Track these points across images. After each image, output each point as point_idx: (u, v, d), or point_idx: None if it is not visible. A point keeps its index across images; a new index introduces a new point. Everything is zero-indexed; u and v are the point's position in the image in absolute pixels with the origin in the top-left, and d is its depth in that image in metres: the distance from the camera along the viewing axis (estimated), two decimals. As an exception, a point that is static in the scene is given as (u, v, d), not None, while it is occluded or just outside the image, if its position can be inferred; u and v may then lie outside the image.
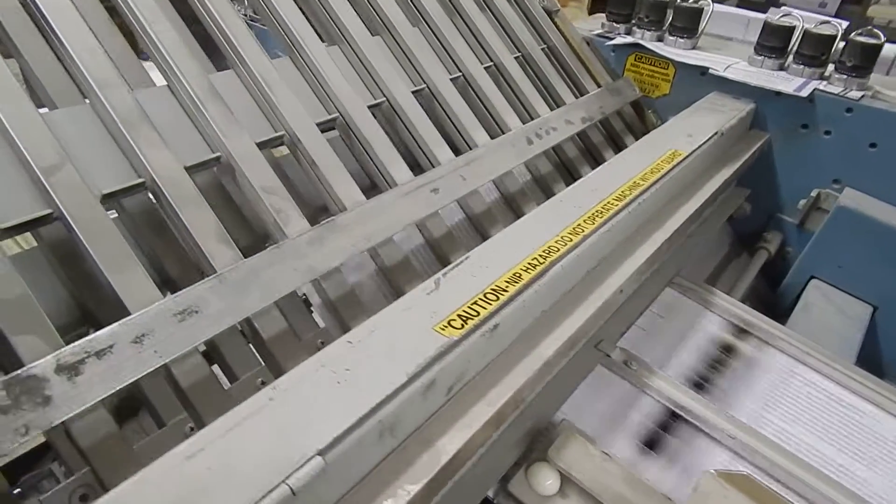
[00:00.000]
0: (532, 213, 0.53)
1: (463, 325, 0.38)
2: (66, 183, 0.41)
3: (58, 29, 0.45)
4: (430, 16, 0.71)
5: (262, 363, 0.46)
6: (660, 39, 0.91)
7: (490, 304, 0.41)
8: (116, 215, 0.47)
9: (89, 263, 0.41)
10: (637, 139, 0.86)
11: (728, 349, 0.62)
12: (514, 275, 0.44)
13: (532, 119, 0.74)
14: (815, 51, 0.80)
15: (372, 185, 0.59)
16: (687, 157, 0.64)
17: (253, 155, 0.50)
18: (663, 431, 0.52)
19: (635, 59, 0.91)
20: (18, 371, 0.33)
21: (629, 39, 0.91)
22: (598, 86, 0.86)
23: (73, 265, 0.45)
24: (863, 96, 0.76)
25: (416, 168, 0.60)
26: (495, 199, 0.67)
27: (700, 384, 0.58)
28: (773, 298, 0.87)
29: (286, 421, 0.31)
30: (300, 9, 0.61)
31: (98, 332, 0.36)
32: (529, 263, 0.45)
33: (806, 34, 0.80)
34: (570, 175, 0.77)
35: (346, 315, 0.49)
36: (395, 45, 0.67)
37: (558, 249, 0.47)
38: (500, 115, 0.71)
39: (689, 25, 0.88)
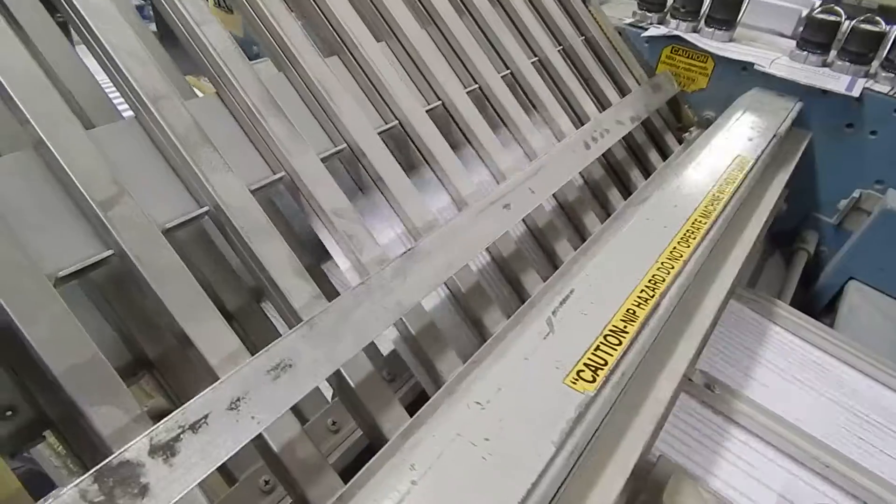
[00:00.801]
0: (622, 234, 0.49)
1: (594, 378, 0.35)
2: (127, 217, 0.36)
3: (100, 33, 0.39)
4: (476, 7, 0.66)
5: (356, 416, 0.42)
6: (695, 31, 0.88)
7: (614, 348, 0.37)
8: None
9: (156, 308, 0.35)
10: (675, 136, 0.84)
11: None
12: (627, 311, 0.40)
13: (580, 120, 0.70)
14: (863, 48, 0.77)
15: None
16: (754, 164, 0.61)
17: (319, 173, 0.45)
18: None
19: (671, 52, 0.87)
20: (109, 458, 0.28)
21: (664, 31, 0.87)
22: (637, 81, 0.82)
23: (123, 303, 0.39)
24: (912, 96, 0.74)
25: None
26: (553, 207, 0.63)
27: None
28: (807, 297, 0.86)
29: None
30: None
31: (190, 402, 0.31)
32: (639, 297, 0.41)
33: (853, 30, 0.78)
34: (618, 179, 0.73)
35: (430, 352, 0.45)
36: (442, 41, 0.62)
37: (663, 279, 0.43)
38: (553, 117, 0.67)
39: (727, 17, 0.85)
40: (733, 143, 0.66)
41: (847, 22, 0.79)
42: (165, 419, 0.30)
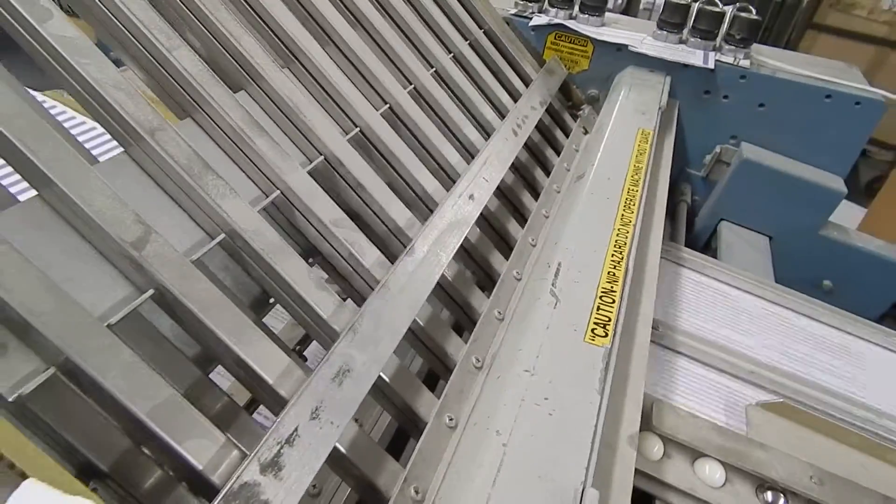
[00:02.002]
0: (579, 210, 0.56)
1: (606, 333, 0.41)
2: (161, 255, 0.35)
3: (81, 69, 0.37)
4: (395, 8, 0.69)
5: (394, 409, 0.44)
6: (572, 17, 0.98)
7: (610, 306, 0.44)
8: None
9: (202, 337, 0.36)
10: (571, 115, 0.94)
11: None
12: (609, 273, 0.47)
13: (499, 110, 0.77)
14: (710, 26, 0.92)
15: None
16: (654, 134, 0.72)
17: (311, 187, 0.47)
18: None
19: (555, 38, 0.97)
20: (230, 483, 0.29)
21: (545, 19, 0.96)
22: (533, 68, 0.90)
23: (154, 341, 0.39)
24: (751, 64, 0.90)
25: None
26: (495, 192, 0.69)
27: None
28: (689, 240, 1.02)
29: (535, 463, 0.32)
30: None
31: (279, 419, 0.33)
32: (613, 260, 0.49)
33: (699, 11, 0.92)
34: (537, 159, 0.81)
35: (437, 337, 0.49)
36: (373, 44, 0.65)
37: (625, 242, 0.51)
38: (479, 110, 0.72)
39: (598, 4, 0.96)
40: (630, 118, 0.76)
41: (694, 4, 0.94)
42: (264, 439, 0.32)
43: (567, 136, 0.88)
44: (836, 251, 0.93)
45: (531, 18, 0.97)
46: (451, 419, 0.43)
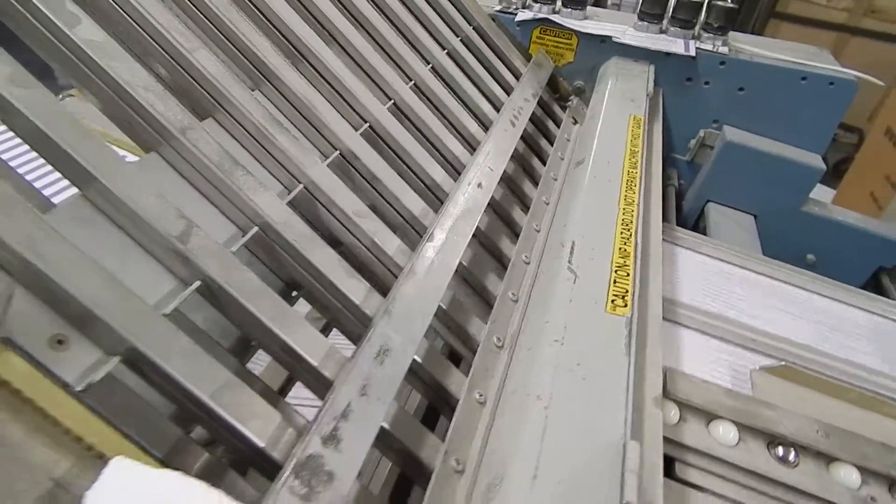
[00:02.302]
0: (583, 192, 0.58)
1: (626, 303, 0.44)
2: (205, 247, 0.37)
3: (111, 71, 0.38)
4: (391, 8, 0.71)
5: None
6: (555, 12, 1.00)
7: (626, 279, 0.46)
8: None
9: (247, 324, 0.37)
10: (560, 106, 0.96)
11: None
12: (620, 249, 0.50)
13: (493, 104, 0.79)
14: (688, 15, 0.95)
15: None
16: (644, 121, 0.75)
17: (333, 180, 0.48)
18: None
19: (541, 32, 0.99)
20: (297, 455, 0.31)
21: (530, 15, 0.99)
22: (521, 62, 0.93)
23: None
24: (729, 51, 0.94)
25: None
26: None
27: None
28: (678, 222, 1.05)
29: (577, 422, 0.34)
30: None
31: (332, 397, 0.35)
32: (622, 237, 0.51)
33: (678, 2, 0.96)
34: (532, 149, 0.83)
35: (459, 319, 0.51)
36: (373, 43, 0.66)
37: (631, 220, 0.54)
38: (477, 103, 0.74)
39: (580, -2, 0.99)
40: (621, 105, 0.79)
41: (671, -5, 0.97)
42: (320, 415, 0.34)
43: (558, 126, 0.91)
44: (818, 226, 0.97)
45: (516, 14, 0.99)
46: (480, 395, 0.45)
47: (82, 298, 0.30)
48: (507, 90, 0.83)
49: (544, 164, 0.78)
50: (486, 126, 0.73)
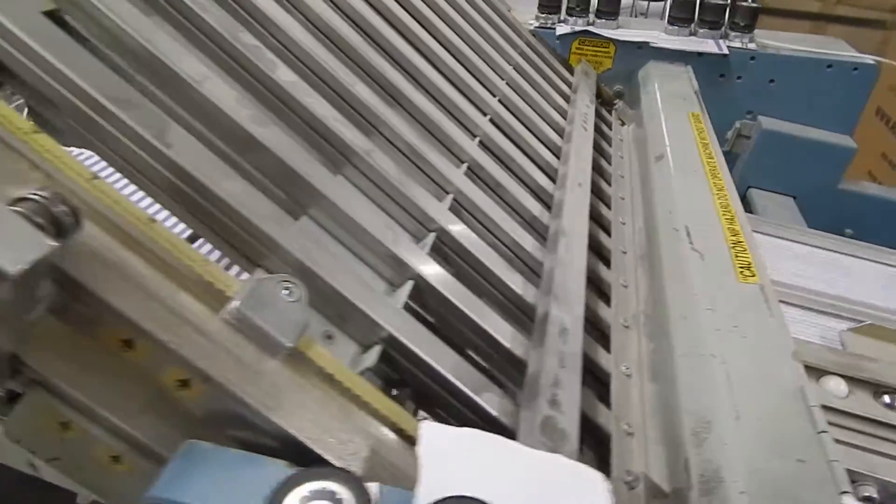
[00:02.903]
0: (675, 181, 0.64)
1: (753, 273, 0.50)
2: (412, 251, 0.42)
3: (301, 99, 0.44)
4: (465, 32, 0.77)
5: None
6: (590, 24, 1.07)
7: (744, 250, 0.52)
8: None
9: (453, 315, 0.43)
10: (606, 110, 1.03)
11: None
12: (729, 228, 0.56)
13: (559, 112, 0.85)
14: (715, 17, 1.03)
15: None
16: (702, 115, 0.82)
17: (474, 188, 0.54)
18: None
19: (580, 44, 1.06)
20: (535, 418, 0.36)
21: (568, 29, 1.06)
22: (569, 72, 1.00)
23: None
24: (757, 47, 1.01)
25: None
26: (577, 182, 0.77)
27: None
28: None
29: (755, 372, 0.40)
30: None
31: (541, 368, 0.40)
32: (726, 217, 0.57)
33: (703, 4, 1.03)
34: (596, 151, 0.89)
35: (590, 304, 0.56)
36: (459, 66, 0.72)
37: (727, 203, 0.60)
38: (547, 112, 0.80)
39: (612, 9, 1.06)
40: (676, 104, 0.85)
41: None
42: (532, 386, 0.39)
43: (610, 128, 0.97)
44: (854, 202, 1.04)
45: (554, 29, 1.06)
46: (626, 368, 0.51)
47: (351, 297, 0.35)
48: (567, 98, 0.89)
49: (609, 163, 0.85)
50: (559, 132, 0.79)
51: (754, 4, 1.02)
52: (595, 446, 0.45)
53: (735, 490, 0.32)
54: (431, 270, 0.42)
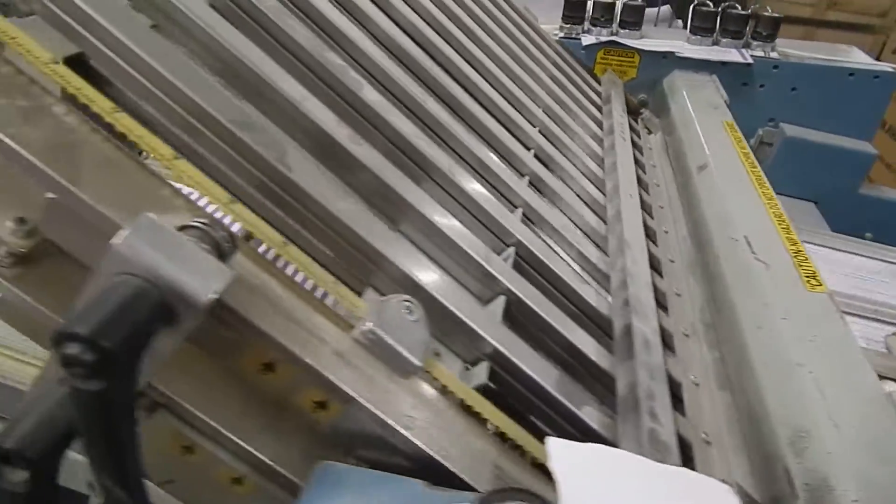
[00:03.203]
0: (723, 192, 0.65)
1: (819, 282, 0.51)
2: (502, 267, 0.43)
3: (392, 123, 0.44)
4: (515, 55, 0.78)
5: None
6: (614, 34, 1.09)
7: (807, 263, 0.53)
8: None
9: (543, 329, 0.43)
10: (633, 118, 1.04)
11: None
12: (787, 238, 0.57)
13: (595, 121, 0.86)
14: (737, 27, 1.05)
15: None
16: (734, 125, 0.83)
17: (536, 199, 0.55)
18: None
19: (605, 54, 1.07)
20: (638, 430, 0.37)
21: (594, 39, 1.07)
22: (597, 82, 1.01)
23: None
24: (779, 55, 1.03)
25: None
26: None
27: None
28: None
29: (841, 379, 0.41)
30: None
31: (635, 381, 0.40)
32: (781, 227, 0.59)
33: (725, 14, 1.05)
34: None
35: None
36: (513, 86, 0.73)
37: (780, 213, 0.61)
38: (586, 122, 0.81)
39: (637, 19, 1.08)
40: (708, 113, 0.87)
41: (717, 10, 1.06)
42: (627, 400, 0.39)
43: (639, 136, 0.99)
44: (874, 206, 1.06)
45: (579, 39, 1.07)
46: (694, 377, 0.52)
47: (459, 313, 0.36)
48: (599, 108, 0.91)
49: (644, 171, 0.86)
50: (599, 142, 0.80)
51: (775, 14, 1.04)
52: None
53: (847, 498, 0.33)
54: (520, 285, 0.43)
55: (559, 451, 0.31)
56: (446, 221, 0.42)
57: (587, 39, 1.06)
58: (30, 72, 0.27)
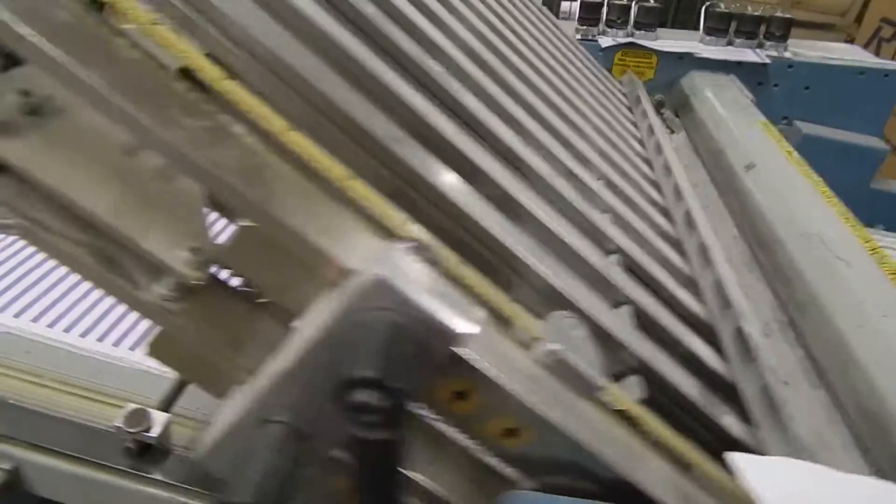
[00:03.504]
0: (786, 193, 0.66)
1: (901, 276, 0.51)
2: (621, 275, 0.42)
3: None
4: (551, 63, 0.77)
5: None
6: (630, 35, 1.09)
7: (886, 258, 0.54)
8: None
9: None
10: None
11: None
12: (860, 237, 0.57)
13: (624, 125, 0.86)
14: (753, 28, 1.06)
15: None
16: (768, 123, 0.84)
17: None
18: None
19: (622, 55, 1.08)
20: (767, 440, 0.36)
21: (610, 41, 1.07)
22: (619, 82, 1.01)
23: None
24: (792, 55, 1.05)
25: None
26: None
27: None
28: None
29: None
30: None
31: (770, 386, 0.40)
32: (849, 224, 0.59)
33: (741, 17, 1.07)
34: (661, 160, 0.91)
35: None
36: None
37: (845, 212, 0.62)
38: (619, 119, 0.81)
39: (652, 21, 1.08)
40: (738, 112, 0.88)
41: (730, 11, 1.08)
42: (757, 405, 0.39)
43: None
44: (885, 199, 1.09)
45: (596, 40, 1.08)
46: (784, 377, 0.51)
47: (608, 326, 0.35)
48: (629, 108, 0.91)
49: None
50: (639, 141, 0.80)
51: (787, 15, 1.06)
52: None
53: None
54: (638, 294, 0.42)
55: (747, 467, 0.30)
56: (561, 229, 0.41)
57: (605, 41, 1.07)
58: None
